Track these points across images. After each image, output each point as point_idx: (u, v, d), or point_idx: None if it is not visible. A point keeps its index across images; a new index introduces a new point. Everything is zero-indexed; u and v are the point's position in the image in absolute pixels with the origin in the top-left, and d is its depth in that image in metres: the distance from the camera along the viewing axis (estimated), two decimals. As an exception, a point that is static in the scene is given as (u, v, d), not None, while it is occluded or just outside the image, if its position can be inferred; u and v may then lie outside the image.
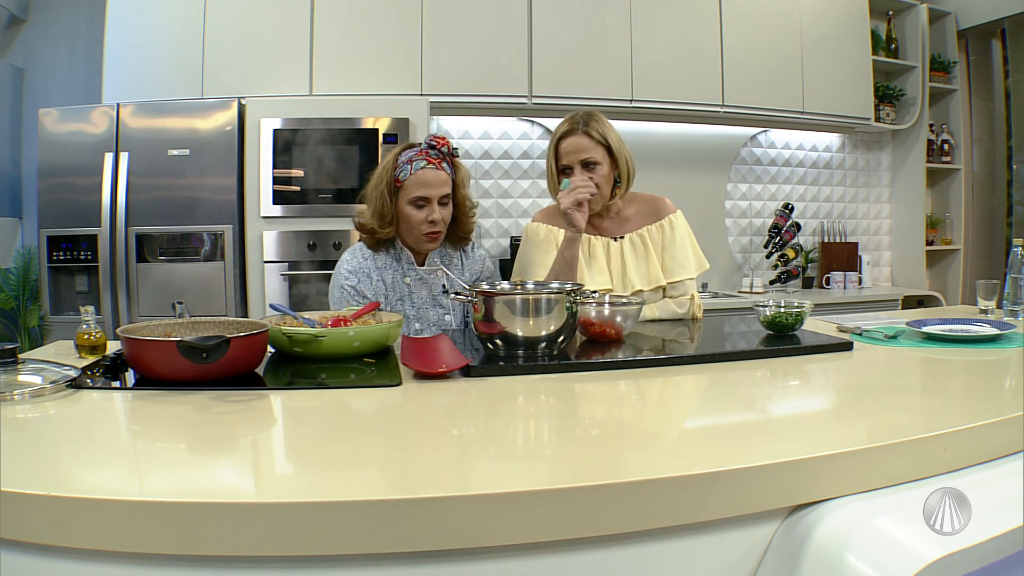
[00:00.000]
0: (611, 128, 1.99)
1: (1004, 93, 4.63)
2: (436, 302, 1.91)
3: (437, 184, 1.81)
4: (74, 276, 3.14)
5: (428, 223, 1.82)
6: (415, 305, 1.89)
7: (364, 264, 1.89)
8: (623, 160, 1.97)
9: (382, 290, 1.88)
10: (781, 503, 0.87)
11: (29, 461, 0.86)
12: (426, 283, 1.90)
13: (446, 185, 1.83)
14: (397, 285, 1.89)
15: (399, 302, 1.88)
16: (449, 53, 3.47)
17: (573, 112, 2.01)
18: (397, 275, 1.90)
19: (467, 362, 1.34)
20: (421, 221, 1.82)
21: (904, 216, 4.67)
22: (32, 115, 3.34)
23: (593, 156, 1.94)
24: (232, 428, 1.07)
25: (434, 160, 1.82)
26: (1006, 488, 0.94)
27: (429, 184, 1.80)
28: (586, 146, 1.94)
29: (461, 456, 0.95)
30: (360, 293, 1.85)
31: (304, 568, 0.77)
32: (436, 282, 1.92)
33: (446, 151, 1.85)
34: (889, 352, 1.59)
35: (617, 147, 1.96)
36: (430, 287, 1.91)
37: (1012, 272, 2.05)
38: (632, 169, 2.00)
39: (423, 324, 1.88)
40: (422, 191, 1.80)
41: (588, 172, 1.94)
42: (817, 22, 4.09)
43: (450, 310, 1.93)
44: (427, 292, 1.90)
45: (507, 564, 0.80)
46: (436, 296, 1.91)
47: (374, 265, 1.89)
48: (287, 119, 3.15)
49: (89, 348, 1.49)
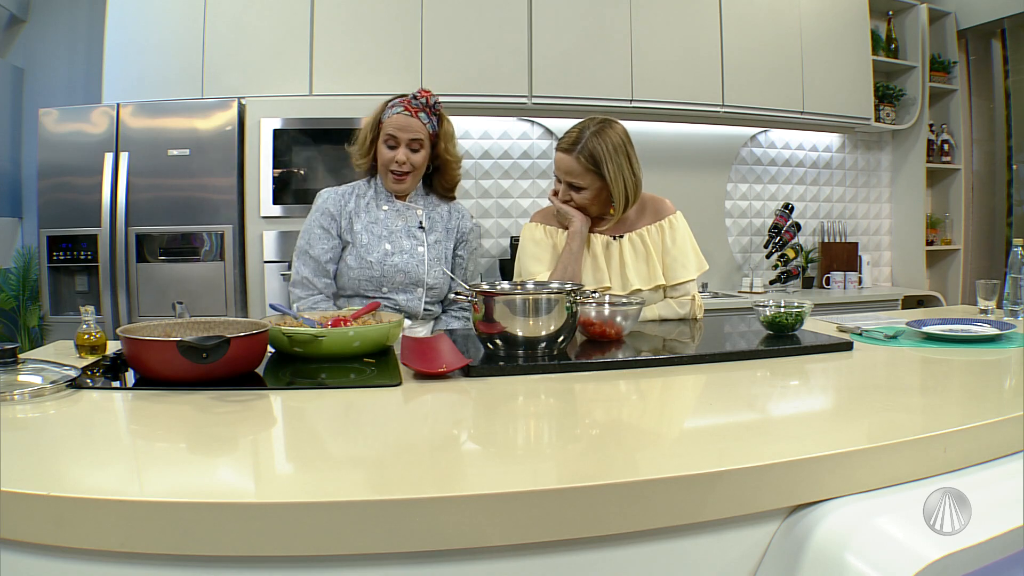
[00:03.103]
0: (614, 151, 1.89)
1: (1004, 93, 4.63)
2: (411, 234, 1.99)
3: (408, 129, 1.93)
4: (74, 276, 3.14)
5: (395, 163, 1.94)
6: (388, 229, 1.98)
7: (340, 195, 2.01)
8: (619, 184, 1.90)
9: (354, 210, 1.98)
10: (781, 503, 0.87)
11: (29, 461, 0.86)
12: (402, 215, 2.00)
13: (418, 132, 1.94)
14: (371, 209, 1.99)
15: (373, 224, 1.96)
16: (449, 53, 3.47)
17: (586, 119, 1.95)
18: (373, 203, 2.00)
19: (467, 362, 1.34)
20: (389, 160, 1.95)
21: (904, 216, 4.67)
22: (32, 115, 3.34)
23: (577, 181, 1.93)
24: (232, 428, 1.07)
25: (411, 108, 1.95)
26: (1006, 488, 0.94)
27: (400, 127, 1.93)
28: (573, 170, 1.92)
29: (461, 456, 0.95)
30: (329, 213, 1.97)
31: (303, 568, 0.77)
32: (413, 218, 2.00)
33: (425, 102, 1.96)
34: (889, 352, 1.59)
35: (613, 175, 1.89)
36: (406, 219, 2.00)
37: (1012, 272, 2.05)
38: (631, 192, 1.93)
39: (394, 247, 1.96)
40: (393, 131, 1.94)
41: (572, 191, 1.95)
42: (817, 22, 4.09)
43: (424, 244, 1.99)
44: (403, 223, 1.99)
45: (507, 564, 0.80)
46: (411, 228, 2.00)
47: (352, 193, 2.02)
48: (287, 119, 3.15)
49: (89, 348, 1.49)
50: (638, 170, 1.96)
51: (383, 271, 1.93)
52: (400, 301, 1.96)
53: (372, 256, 1.93)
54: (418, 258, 1.97)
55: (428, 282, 1.98)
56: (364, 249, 1.94)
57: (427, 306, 2.00)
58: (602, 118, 1.96)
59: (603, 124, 1.93)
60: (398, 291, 1.96)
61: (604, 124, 1.93)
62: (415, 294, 1.97)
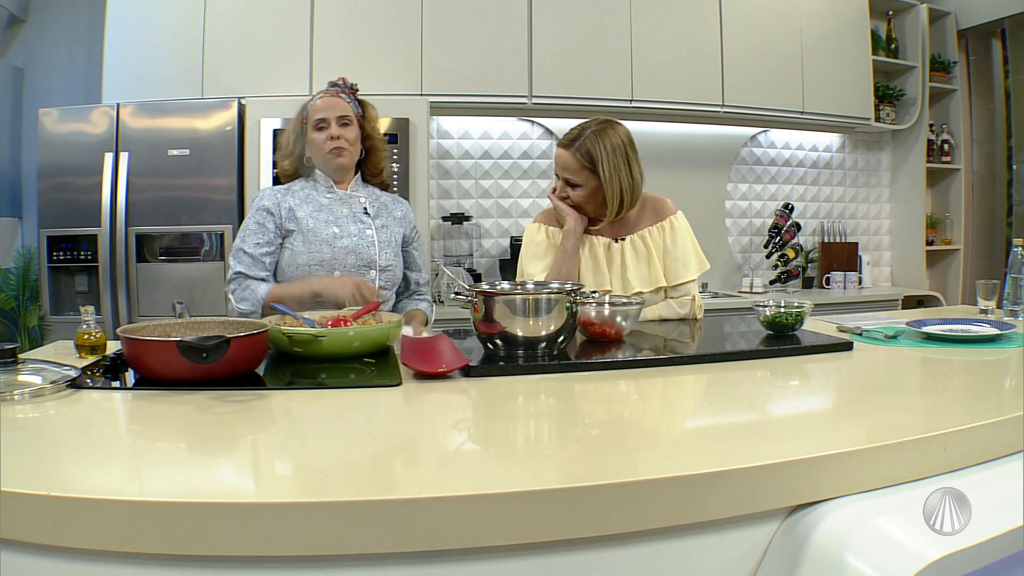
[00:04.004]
0: (613, 152, 1.89)
1: (1004, 93, 4.63)
2: (357, 219, 1.99)
3: (333, 108, 1.96)
4: (74, 276, 3.14)
5: (330, 140, 1.95)
6: (334, 214, 1.97)
7: (276, 191, 2.00)
8: (614, 185, 1.89)
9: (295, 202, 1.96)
10: (781, 503, 0.87)
11: (29, 461, 0.86)
12: (346, 203, 2.00)
13: (345, 109, 1.98)
14: (313, 199, 1.99)
15: (317, 212, 1.96)
16: (449, 53, 3.47)
17: (591, 119, 1.97)
18: (314, 193, 2.00)
19: (467, 362, 1.34)
20: (324, 140, 1.95)
21: (904, 216, 4.67)
22: (32, 115, 3.34)
23: (573, 178, 1.94)
24: (232, 428, 1.07)
25: (330, 92, 2.01)
26: (1006, 488, 0.94)
27: (325, 108, 1.97)
28: (570, 166, 1.93)
29: (461, 456, 0.95)
30: (264, 208, 1.95)
31: (304, 568, 0.77)
32: (357, 205, 2.01)
33: (343, 84, 2.03)
34: (889, 352, 1.59)
35: (608, 175, 1.88)
36: (350, 207, 2.00)
37: (1012, 272, 2.05)
38: (627, 195, 1.91)
39: (342, 231, 1.95)
40: (320, 114, 1.97)
41: (569, 188, 1.97)
42: (817, 22, 4.09)
43: (372, 227, 1.99)
44: (347, 210, 1.99)
45: (507, 564, 0.80)
46: (356, 214, 2.00)
47: (288, 190, 2.00)
48: (287, 119, 3.14)
49: (89, 348, 1.49)
50: (638, 173, 1.94)
51: (333, 253, 1.92)
52: None
53: (321, 237, 1.92)
54: (367, 240, 1.97)
55: (380, 263, 1.97)
56: (311, 233, 1.92)
57: (382, 289, 1.98)
58: (606, 119, 1.96)
59: (605, 124, 1.93)
60: (350, 274, 1.93)
61: (606, 124, 1.93)
62: (368, 276, 1.95)
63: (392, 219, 2.06)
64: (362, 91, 2.09)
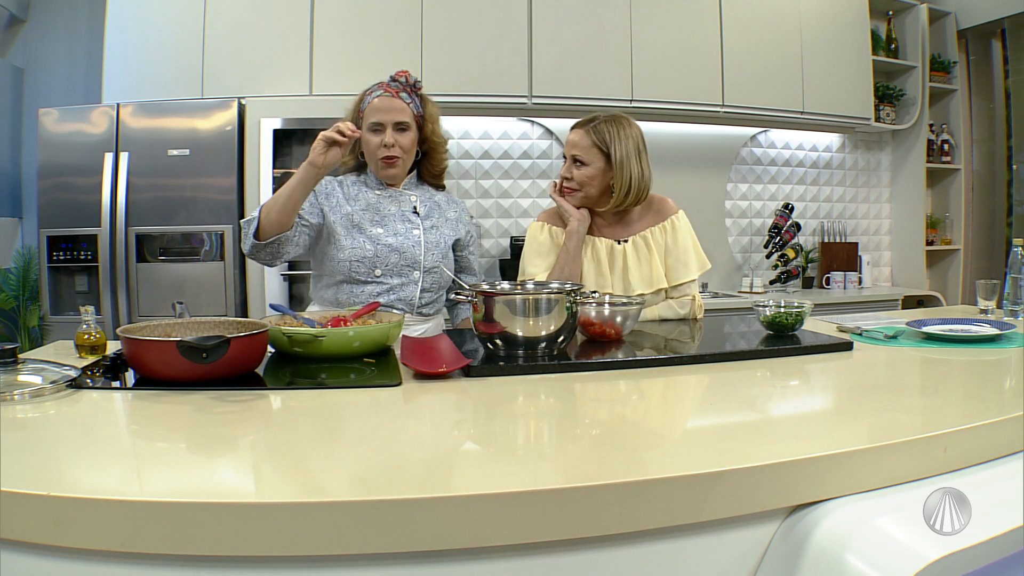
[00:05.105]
0: (626, 139, 1.92)
1: (1004, 93, 4.63)
2: (405, 218, 1.93)
3: (391, 110, 1.87)
4: (74, 276, 3.14)
5: (383, 147, 1.87)
6: (381, 213, 1.91)
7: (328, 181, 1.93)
8: (624, 173, 1.92)
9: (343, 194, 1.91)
10: (781, 503, 0.87)
11: (29, 461, 0.86)
12: (395, 200, 1.94)
13: (402, 113, 1.88)
14: (363, 195, 1.93)
15: (364, 210, 1.90)
16: (449, 53, 3.47)
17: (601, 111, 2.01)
18: (364, 188, 1.95)
19: (467, 362, 1.34)
20: (377, 146, 1.88)
21: (904, 216, 4.67)
22: (32, 115, 3.34)
23: (582, 156, 1.95)
24: (232, 428, 1.07)
25: (391, 89, 1.90)
26: (1006, 488, 0.94)
27: (383, 110, 1.87)
28: (579, 143, 1.95)
29: (461, 456, 0.95)
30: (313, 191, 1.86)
31: (304, 568, 0.77)
32: (407, 204, 1.95)
33: (404, 82, 1.92)
34: (889, 352, 1.59)
35: (620, 158, 1.91)
36: (399, 205, 1.94)
37: (1012, 272, 2.05)
38: (635, 186, 1.93)
39: (388, 231, 1.89)
40: (377, 116, 1.87)
41: (574, 167, 1.96)
42: (817, 22, 4.09)
43: (420, 228, 1.92)
44: (396, 208, 1.93)
45: (507, 564, 0.80)
46: (405, 213, 1.94)
47: (340, 182, 1.95)
48: (287, 119, 3.15)
49: (89, 348, 1.49)
50: (647, 169, 1.97)
51: (376, 250, 1.86)
52: (395, 285, 1.88)
53: (365, 233, 1.86)
54: (413, 239, 1.90)
55: (425, 264, 1.90)
56: (356, 228, 1.87)
57: (424, 293, 1.92)
58: (622, 114, 2.00)
59: (621, 116, 1.98)
60: (392, 274, 1.88)
61: (622, 116, 1.99)
62: (411, 278, 1.89)
63: (444, 220, 1.98)
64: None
